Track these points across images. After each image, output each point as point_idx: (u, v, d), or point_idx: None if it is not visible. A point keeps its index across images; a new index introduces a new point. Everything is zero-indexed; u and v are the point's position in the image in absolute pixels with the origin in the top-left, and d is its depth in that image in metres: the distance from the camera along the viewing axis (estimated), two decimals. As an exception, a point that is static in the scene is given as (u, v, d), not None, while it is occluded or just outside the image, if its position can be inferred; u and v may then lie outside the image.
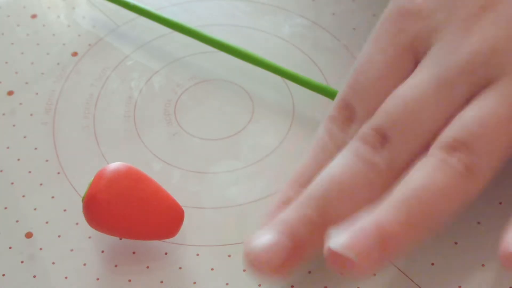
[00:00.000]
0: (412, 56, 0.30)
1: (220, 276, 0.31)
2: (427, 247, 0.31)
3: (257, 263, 0.27)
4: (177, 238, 0.31)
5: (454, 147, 0.27)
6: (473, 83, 0.28)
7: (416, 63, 0.30)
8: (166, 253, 0.31)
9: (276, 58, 0.36)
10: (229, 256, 0.31)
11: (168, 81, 0.37)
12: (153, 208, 0.30)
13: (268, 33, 0.39)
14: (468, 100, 0.28)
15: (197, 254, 0.31)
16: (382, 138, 0.28)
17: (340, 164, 0.28)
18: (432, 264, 0.30)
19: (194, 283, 0.31)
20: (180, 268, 0.31)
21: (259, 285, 0.30)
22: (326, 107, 0.36)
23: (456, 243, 0.31)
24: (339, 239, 0.26)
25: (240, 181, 0.33)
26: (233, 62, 0.37)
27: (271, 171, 0.34)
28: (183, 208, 0.31)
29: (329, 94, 0.35)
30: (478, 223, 0.31)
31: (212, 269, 0.31)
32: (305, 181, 0.29)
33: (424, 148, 0.28)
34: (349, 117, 0.30)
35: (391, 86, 0.29)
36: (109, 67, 0.38)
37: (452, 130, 0.27)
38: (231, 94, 0.37)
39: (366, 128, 0.29)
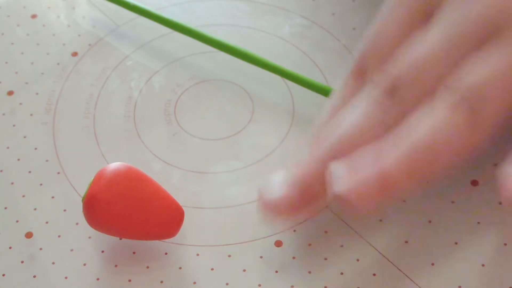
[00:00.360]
0: (424, 15, 0.30)
1: (220, 276, 0.31)
2: (427, 247, 0.31)
3: (268, 210, 0.29)
4: (177, 238, 0.31)
5: (461, 98, 0.27)
6: (484, 33, 0.28)
7: (428, 19, 0.30)
8: (166, 253, 0.31)
9: (276, 58, 0.36)
10: (229, 256, 0.31)
11: (168, 81, 0.37)
12: (153, 208, 0.30)
13: (268, 33, 0.39)
14: (478, 46, 0.28)
15: (197, 254, 0.31)
16: (392, 90, 0.29)
17: (353, 114, 0.29)
18: (432, 264, 0.30)
19: (194, 283, 0.31)
20: (180, 268, 0.31)
21: (259, 285, 0.30)
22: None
23: (456, 243, 0.31)
24: (343, 183, 0.27)
25: (240, 181, 0.33)
26: (233, 62, 0.37)
27: (271, 171, 0.34)
28: (183, 208, 0.31)
29: (329, 94, 0.35)
30: (478, 223, 0.31)
31: (212, 269, 0.31)
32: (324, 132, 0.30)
33: (432, 91, 0.29)
34: (363, 72, 0.31)
35: (405, 37, 0.30)
36: (109, 67, 0.38)
37: (459, 82, 0.28)
38: (231, 94, 0.37)
39: (376, 86, 0.30)
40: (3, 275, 0.31)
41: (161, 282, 0.31)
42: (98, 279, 0.31)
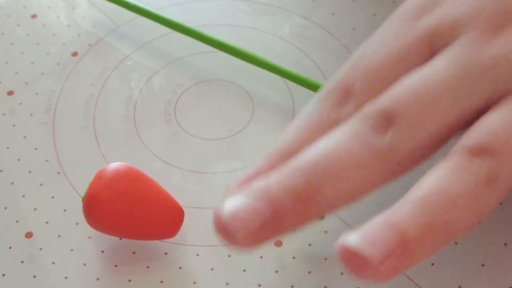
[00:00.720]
0: (429, 45, 0.27)
1: (220, 276, 0.31)
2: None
3: (229, 228, 0.24)
4: (177, 238, 0.31)
5: (477, 151, 0.25)
6: (496, 87, 0.26)
7: (431, 54, 0.27)
8: (166, 253, 0.31)
9: (276, 58, 0.36)
10: (229, 256, 0.31)
11: (168, 81, 0.37)
12: (153, 208, 0.30)
13: (268, 33, 0.39)
14: (486, 103, 0.26)
15: (197, 254, 0.31)
16: (386, 120, 0.26)
17: (334, 140, 0.26)
18: (432, 264, 0.30)
19: (194, 283, 0.31)
20: (180, 268, 0.31)
21: (259, 285, 0.30)
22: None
23: (456, 243, 0.31)
24: (352, 236, 0.23)
25: (240, 181, 0.33)
26: (233, 62, 0.37)
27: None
28: (183, 208, 0.31)
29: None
30: (478, 223, 0.31)
31: (212, 269, 0.31)
32: (287, 154, 0.27)
33: (433, 142, 0.26)
34: (345, 95, 0.27)
35: (401, 70, 0.27)
36: (109, 67, 0.38)
37: (475, 133, 0.25)
38: (231, 94, 0.37)
39: (368, 108, 0.26)
40: (3, 275, 0.31)
41: (161, 282, 0.31)
42: (98, 279, 0.31)
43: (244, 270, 0.31)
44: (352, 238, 0.23)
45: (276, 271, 0.31)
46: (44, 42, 0.39)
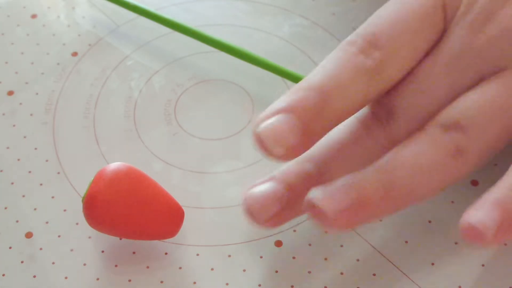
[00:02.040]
0: (443, 12, 0.30)
1: (220, 276, 0.31)
2: (427, 247, 0.31)
3: (253, 210, 0.28)
4: (177, 238, 0.31)
5: (449, 126, 0.27)
6: (484, 69, 0.28)
7: (445, 18, 0.30)
8: (166, 253, 0.31)
9: (276, 58, 0.36)
10: (229, 256, 0.31)
11: (168, 81, 0.37)
12: (153, 208, 0.30)
13: (268, 33, 0.39)
14: (477, 81, 0.29)
15: (197, 254, 0.31)
16: (386, 120, 0.29)
17: (344, 130, 0.30)
18: (432, 264, 0.30)
19: (194, 283, 0.31)
20: (180, 268, 0.31)
21: (259, 285, 0.30)
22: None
23: (456, 243, 0.31)
24: (318, 192, 0.27)
25: (240, 181, 0.33)
26: (233, 62, 0.37)
27: (271, 171, 0.34)
28: (183, 208, 0.31)
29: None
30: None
31: (212, 269, 0.31)
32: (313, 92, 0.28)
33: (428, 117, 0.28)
34: (373, 44, 0.29)
35: (421, 37, 0.29)
36: (109, 67, 0.38)
37: (450, 110, 0.28)
38: (231, 94, 0.37)
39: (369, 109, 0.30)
40: (3, 275, 0.31)
41: (161, 282, 0.31)
42: (98, 279, 0.31)
43: (244, 270, 0.31)
44: (315, 193, 0.27)
45: (276, 271, 0.31)
46: (44, 42, 0.39)
